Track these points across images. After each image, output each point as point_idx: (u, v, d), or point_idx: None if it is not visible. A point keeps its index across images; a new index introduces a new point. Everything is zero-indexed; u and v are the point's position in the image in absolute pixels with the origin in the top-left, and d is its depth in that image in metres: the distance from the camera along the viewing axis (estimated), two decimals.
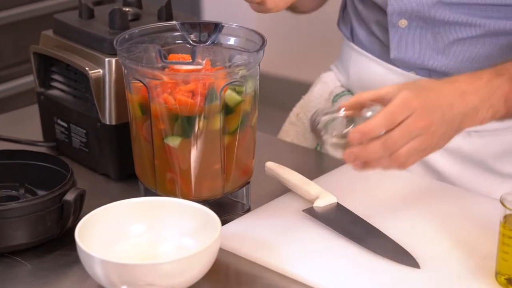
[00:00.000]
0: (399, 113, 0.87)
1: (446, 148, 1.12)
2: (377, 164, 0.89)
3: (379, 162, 0.88)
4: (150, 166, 0.96)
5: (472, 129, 1.12)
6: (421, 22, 1.10)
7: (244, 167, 0.98)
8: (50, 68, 1.12)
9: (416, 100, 0.88)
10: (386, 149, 0.87)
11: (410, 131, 0.87)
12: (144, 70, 0.91)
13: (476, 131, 1.12)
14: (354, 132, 0.87)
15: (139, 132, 0.96)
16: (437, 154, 1.13)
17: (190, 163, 0.93)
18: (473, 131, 1.12)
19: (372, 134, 0.87)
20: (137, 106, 0.94)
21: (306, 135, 1.27)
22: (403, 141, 0.87)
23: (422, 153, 0.90)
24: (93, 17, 1.09)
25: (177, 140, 0.92)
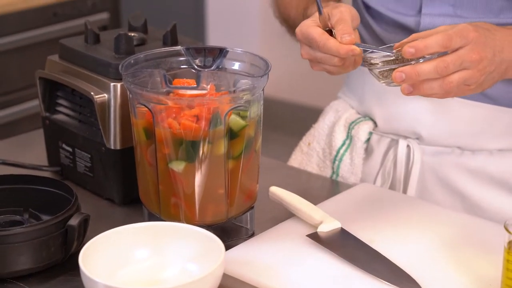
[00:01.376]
0: (456, 39, 0.89)
1: (469, 168, 1.14)
2: (426, 87, 0.90)
3: (428, 84, 0.90)
4: (154, 190, 0.96)
5: (495, 148, 1.13)
6: None
7: (248, 191, 0.98)
8: (56, 92, 1.13)
9: (474, 32, 0.90)
10: (437, 71, 0.88)
11: (463, 60, 0.89)
12: (149, 95, 0.92)
13: (499, 150, 1.12)
14: (409, 47, 0.88)
15: (143, 157, 0.96)
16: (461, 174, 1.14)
17: (194, 187, 0.93)
18: (496, 150, 1.13)
19: (426, 51, 0.88)
20: (142, 130, 0.95)
21: (320, 164, 1.26)
22: (455, 67, 0.89)
23: (466, 88, 0.92)
24: (99, 42, 1.10)
25: (181, 165, 0.93)
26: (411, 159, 1.16)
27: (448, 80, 0.89)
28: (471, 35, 0.90)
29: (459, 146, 1.14)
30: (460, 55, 0.89)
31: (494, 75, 0.94)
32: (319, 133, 1.27)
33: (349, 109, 1.25)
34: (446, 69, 0.89)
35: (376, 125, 1.20)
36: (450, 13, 1.09)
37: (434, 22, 1.10)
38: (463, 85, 0.91)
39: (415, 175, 1.16)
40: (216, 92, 0.96)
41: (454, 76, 0.89)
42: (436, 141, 1.14)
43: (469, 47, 0.90)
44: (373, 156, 1.21)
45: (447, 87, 0.90)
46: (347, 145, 1.22)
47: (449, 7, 1.09)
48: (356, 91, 1.24)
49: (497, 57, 0.93)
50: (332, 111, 1.27)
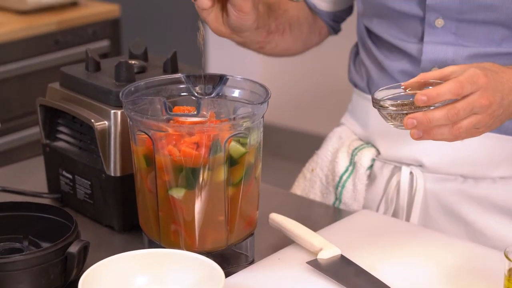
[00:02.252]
0: (467, 85, 0.90)
1: (472, 196, 1.14)
2: (436, 132, 0.91)
3: (439, 130, 0.91)
4: (154, 217, 0.96)
5: (497, 176, 1.13)
6: None
7: (248, 218, 0.98)
8: (56, 120, 1.13)
9: (484, 77, 0.91)
10: (448, 118, 0.89)
11: (473, 106, 0.90)
12: (149, 122, 0.92)
13: (502, 177, 1.13)
14: (421, 94, 0.89)
15: (143, 184, 0.96)
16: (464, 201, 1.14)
17: (194, 214, 0.93)
18: (499, 178, 1.13)
19: (439, 99, 0.89)
20: (142, 157, 0.95)
21: (323, 190, 1.26)
22: (465, 114, 0.90)
23: (475, 131, 0.93)
24: (100, 69, 1.11)
25: (181, 192, 0.93)
26: (414, 186, 1.16)
27: (458, 126, 0.91)
28: (481, 81, 0.91)
29: (462, 174, 1.14)
30: (470, 102, 0.90)
31: (502, 117, 0.95)
32: (322, 160, 1.27)
33: (352, 135, 1.25)
34: (457, 116, 0.90)
35: (379, 152, 1.21)
36: (452, 41, 1.10)
37: (436, 50, 1.11)
38: (472, 129, 0.92)
39: (418, 202, 1.16)
40: (216, 119, 0.96)
41: (464, 122, 0.91)
42: (439, 169, 1.15)
43: (479, 93, 0.91)
44: (376, 183, 1.21)
45: (457, 132, 0.91)
46: (350, 172, 1.22)
47: (451, 35, 1.10)
48: (359, 118, 1.24)
49: (506, 100, 0.94)
50: (335, 138, 1.27)
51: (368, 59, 1.21)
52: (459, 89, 0.89)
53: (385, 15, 1.15)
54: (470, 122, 0.91)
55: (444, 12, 1.09)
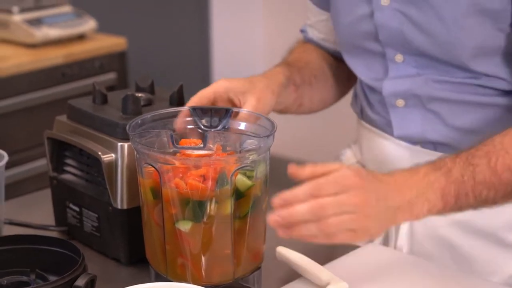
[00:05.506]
0: (327, 187, 0.87)
1: (457, 220, 1.14)
2: (303, 229, 0.87)
3: (305, 227, 0.87)
4: (161, 250, 0.95)
5: None
6: (417, 100, 1.14)
7: (255, 251, 0.98)
8: (63, 152, 1.14)
9: (354, 178, 0.89)
10: (312, 212, 0.86)
11: (341, 203, 0.87)
12: (156, 155, 0.92)
13: None
14: (277, 198, 0.87)
15: (150, 217, 0.96)
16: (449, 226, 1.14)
17: (201, 247, 0.93)
18: None
19: (294, 201, 0.87)
20: (149, 190, 0.95)
21: None
22: (332, 210, 0.87)
23: (352, 234, 0.89)
24: (107, 102, 1.11)
25: (188, 225, 0.92)
26: None
27: (326, 222, 0.87)
28: (348, 182, 0.88)
29: None
30: (338, 199, 0.87)
31: (382, 221, 0.92)
32: None
33: (353, 159, 1.30)
34: (322, 211, 0.87)
35: None
36: (414, 74, 1.13)
37: (395, 83, 1.14)
38: (346, 230, 0.89)
39: (405, 227, 1.17)
40: (223, 152, 0.97)
41: (333, 219, 0.87)
42: None
43: (350, 192, 0.88)
44: None
45: (326, 229, 0.87)
46: None
47: (412, 69, 1.13)
48: (358, 143, 1.29)
49: (381, 205, 0.90)
50: (338, 161, 1.31)
51: (359, 89, 1.26)
52: (315, 191, 0.87)
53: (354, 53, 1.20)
54: (341, 221, 0.87)
55: (400, 48, 1.13)
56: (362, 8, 1.14)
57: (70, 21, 2.46)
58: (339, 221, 0.87)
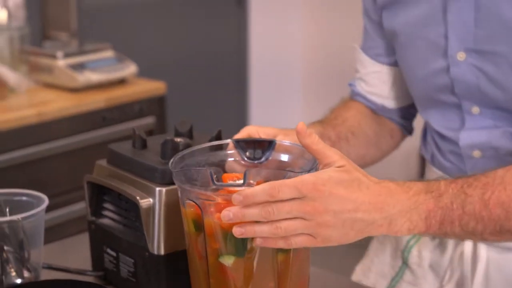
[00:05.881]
0: (284, 189, 0.88)
1: None
2: (257, 230, 0.89)
3: (260, 228, 0.89)
4: (205, 283, 0.95)
5: None
6: (494, 152, 1.13)
7: (300, 284, 0.97)
8: (102, 197, 1.14)
9: (314, 186, 0.88)
10: (263, 214, 0.88)
11: (291, 209, 0.88)
12: (197, 192, 0.93)
13: None
14: (237, 194, 0.88)
15: (193, 248, 0.96)
16: None
17: (244, 282, 0.93)
18: None
19: (253, 199, 0.87)
20: (191, 222, 0.95)
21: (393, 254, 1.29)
22: (282, 214, 0.88)
23: (310, 239, 0.90)
24: (146, 147, 1.12)
25: (231, 259, 0.92)
26: (477, 256, 1.17)
27: (277, 225, 0.88)
28: (305, 190, 0.88)
29: None
30: (289, 204, 0.88)
31: (346, 231, 0.90)
32: None
33: None
34: (270, 214, 0.88)
35: None
36: (490, 126, 1.12)
37: (472, 136, 1.13)
38: (302, 235, 0.89)
39: (481, 271, 1.15)
40: None
41: (283, 223, 0.88)
42: None
43: (304, 200, 0.88)
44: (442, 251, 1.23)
45: (276, 232, 0.88)
46: (416, 238, 1.25)
47: (488, 121, 1.12)
48: None
49: (346, 215, 0.89)
50: None
51: (430, 137, 1.26)
52: (272, 191, 0.87)
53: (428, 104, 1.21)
54: (293, 225, 0.88)
55: (476, 101, 1.12)
56: (437, 63, 1.15)
57: (112, 65, 2.49)
58: (289, 225, 0.89)
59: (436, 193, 0.94)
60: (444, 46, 1.13)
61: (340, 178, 0.90)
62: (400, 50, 1.22)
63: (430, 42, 1.15)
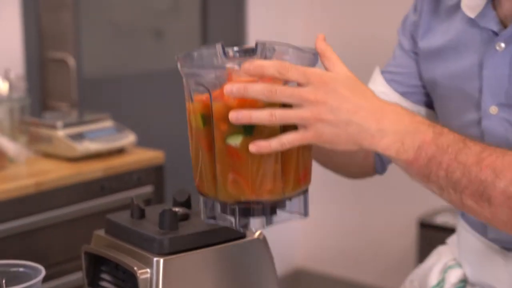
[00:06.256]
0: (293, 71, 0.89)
1: None
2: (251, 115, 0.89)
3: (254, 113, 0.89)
4: (211, 173, 0.96)
5: None
6: None
7: (304, 170, 0.97)
8: (100, 267, 1.14)
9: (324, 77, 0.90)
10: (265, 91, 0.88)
11: (293, 94, 0.89)
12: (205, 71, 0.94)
13: None
14: (248, 62, 0.88)
15: (199, 144, 0.97)
16: None
17: (251, 161, 0.93)
18: None
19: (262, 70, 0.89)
20: (199, 116, 0.96)
21: None
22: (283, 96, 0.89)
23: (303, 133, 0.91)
24: (144, 217, 1.13)
25: (238, 139, 0.93)
26: None
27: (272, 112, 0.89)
28: (313, 78, 0.90)
29: None
30: (292, 88, 0.90)
31: (339, 131, 0.91)
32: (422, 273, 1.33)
33: (450, 255, 1.32)
34: (272, 93, 0.89)
35: None
36: None
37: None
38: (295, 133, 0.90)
39: None
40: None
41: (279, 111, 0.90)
42: None
43: (309, 87, 0.89)
44: None
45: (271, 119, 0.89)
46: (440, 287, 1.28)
47: None
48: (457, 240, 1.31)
49: (344, 115, 0.90)
50: (436, 255, 1.34)
51: None
52: (283, 69, 0.89)
53: None
54: (288, 113, 0.89)
55: None
56: (471, 115, 1.18)
57: (111, 135, 2.51)
58: (285, 113, 0.90)
59: (439, 130, 0.95)
60: (478, 99, 1.16)
61: (347, 80, 0.92)
62: (438, 100, 1.26)
63: (466, 94, 1.18)
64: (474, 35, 1.17)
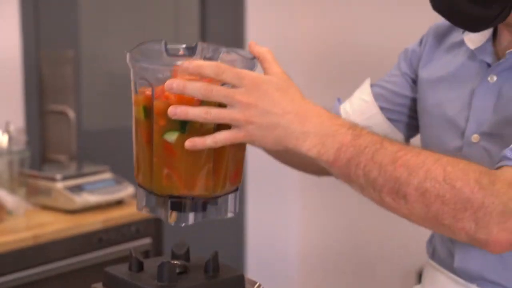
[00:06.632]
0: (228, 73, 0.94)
1: None
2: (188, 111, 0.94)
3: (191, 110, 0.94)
4: (149, 165, 1.00)
5: None
6: None
7: (235, 171, 1.01)
8: None
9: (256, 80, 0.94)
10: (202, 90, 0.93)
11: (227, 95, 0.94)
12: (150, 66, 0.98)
13: None
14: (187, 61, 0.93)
15: (141, 134, 1.02)
16: None
17: (184, 158, 0.97)
18: None
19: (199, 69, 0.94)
20: (142, 109, 1.01)
21: None
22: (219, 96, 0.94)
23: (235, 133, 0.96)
24: (143, 269, 1.12)
25: (174, 135, 0.98)
26: None
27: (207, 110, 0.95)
28: (247, 80, 0.94)
29: None
30: (228, 90, 0.94)
31: (267, 133, 0.96)
32: None
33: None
34: (208, 92, 0.94)
35: None
36: None
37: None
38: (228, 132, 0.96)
39: None
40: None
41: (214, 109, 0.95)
42: None
43: (242, 89, 0.94)
44: None
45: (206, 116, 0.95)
46: None
47: None
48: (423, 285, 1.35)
49: (272, 119, 0.95)
50: None
51: None
52: (219, 70, 0.94)
53: None
54: (222, 113, 0.95)
55: None
56: (454, 143, 1.23)
57: (109, 187, 2.52)
58: (219, 112, 0.95)
59: (357, 132, 0.99)
60: (463, 128, 1.22)
61: (279, 84, 0.96)
62: (425, 127, 1.31)
63: (454, 123, 1.24)
64: (471, 67, 1.24)
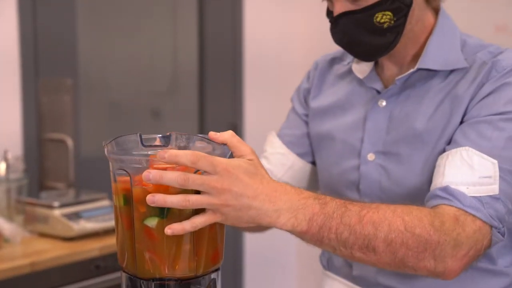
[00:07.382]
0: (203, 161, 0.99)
1: None
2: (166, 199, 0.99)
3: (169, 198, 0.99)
4: (131, 250, 1.03)
5: None
6: None
7: (215, 251, 1.05)
8: None
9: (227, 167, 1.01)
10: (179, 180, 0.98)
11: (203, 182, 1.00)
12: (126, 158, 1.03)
13: None
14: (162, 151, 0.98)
15: (121, 222, 1.06)
16: None
17: (165, 242, 1.02)
18: None
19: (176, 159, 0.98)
20: (121, 196, 1.05)
21: None
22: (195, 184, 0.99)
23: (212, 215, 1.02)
24: None
25: (154, 221, 1.02)
26: None
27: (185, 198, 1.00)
28: (219, 168, 1.00)
29: None
30: (202, 178, 1.00)
31: (241, 214, 1.03)
32: None
33: None
34: (185, 181, 0.99)
35: None
36: None
37: None
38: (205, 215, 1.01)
39: None
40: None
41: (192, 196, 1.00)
42: None
43: (216, 176, 1.00)
44: None
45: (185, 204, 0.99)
46: None
47: None
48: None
49: (245, 200, 1.02)
50: None
51: None
52: (194, 159, 0.99)
53: None
54: (200, 199, 1.00)
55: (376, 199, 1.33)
56: (351, 162, 1.39)
57: (107, 214, 2.53)
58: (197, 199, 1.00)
59: (323, 201, 1.09)
60: (359, 148, 1.38)
61: (247, 168, 1.03)
62: (321, 150, 1.44)
63: (349, 144, 1.40)
64: (361, 93, 1.42)
